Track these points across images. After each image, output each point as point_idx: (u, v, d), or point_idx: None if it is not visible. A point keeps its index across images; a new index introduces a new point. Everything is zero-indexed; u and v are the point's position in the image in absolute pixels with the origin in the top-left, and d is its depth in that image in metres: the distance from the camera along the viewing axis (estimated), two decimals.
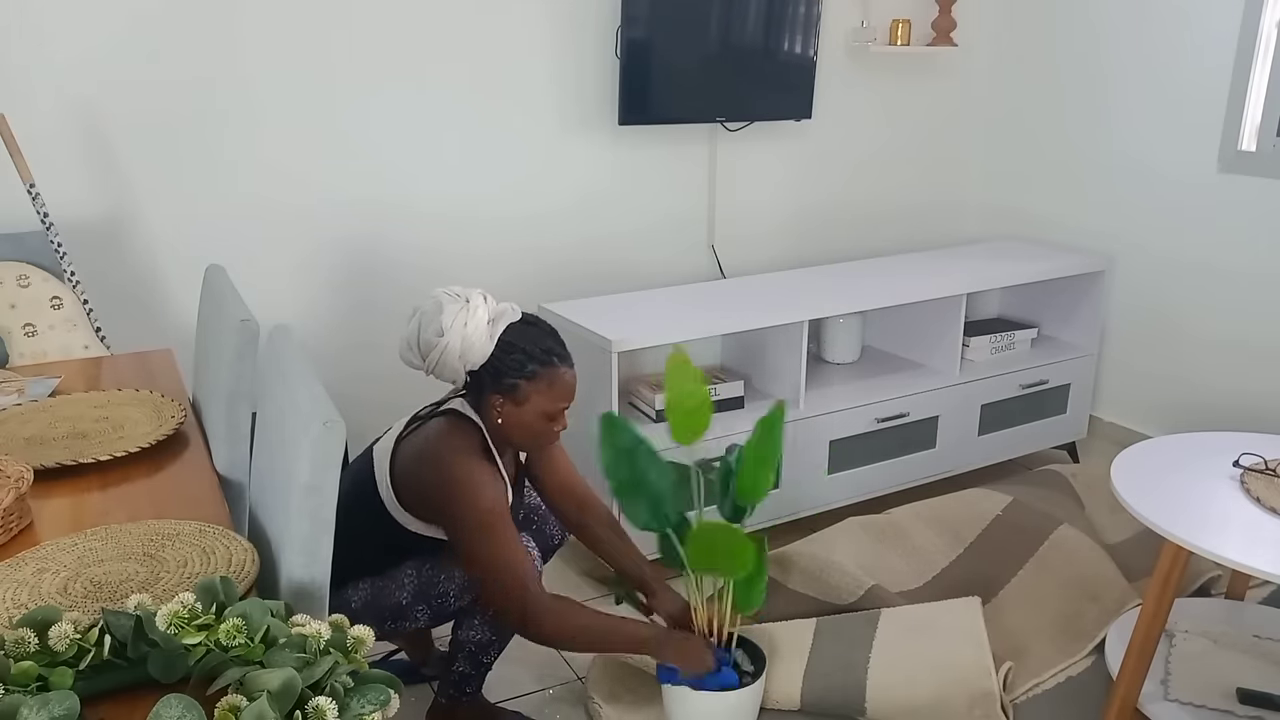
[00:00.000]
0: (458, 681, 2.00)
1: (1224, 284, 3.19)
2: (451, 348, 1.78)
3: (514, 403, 1.84)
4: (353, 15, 2.74)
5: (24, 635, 1.05)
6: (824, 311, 2.81)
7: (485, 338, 1.80)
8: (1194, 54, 3.17)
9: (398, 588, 1.89)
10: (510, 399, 1.84)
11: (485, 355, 1.81)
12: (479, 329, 1.79)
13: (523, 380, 1.82)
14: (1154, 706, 1.98)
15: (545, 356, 1.83)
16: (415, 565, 1.90)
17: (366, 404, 3.00)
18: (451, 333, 1.78)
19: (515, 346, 1.82)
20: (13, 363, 2.25)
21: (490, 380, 1.83)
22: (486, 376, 1.83)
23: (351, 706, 1.00)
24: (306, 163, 2.79)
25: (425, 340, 1.81)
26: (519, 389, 1.82)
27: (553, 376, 1.84)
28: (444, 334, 1.78)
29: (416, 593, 1.89)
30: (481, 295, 1.83)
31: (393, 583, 1.90)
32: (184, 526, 1.39)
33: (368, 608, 1.89)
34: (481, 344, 1.79)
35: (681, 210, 3.40)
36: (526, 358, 1.81)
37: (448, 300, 1.81)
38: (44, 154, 2.48)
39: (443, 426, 1.86)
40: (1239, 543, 1.75)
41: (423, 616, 1.91)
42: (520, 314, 1.87)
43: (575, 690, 2.26)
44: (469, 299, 1.81)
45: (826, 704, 2.09)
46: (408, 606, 1.89)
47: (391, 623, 1.91)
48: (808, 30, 3.27)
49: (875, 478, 2.96)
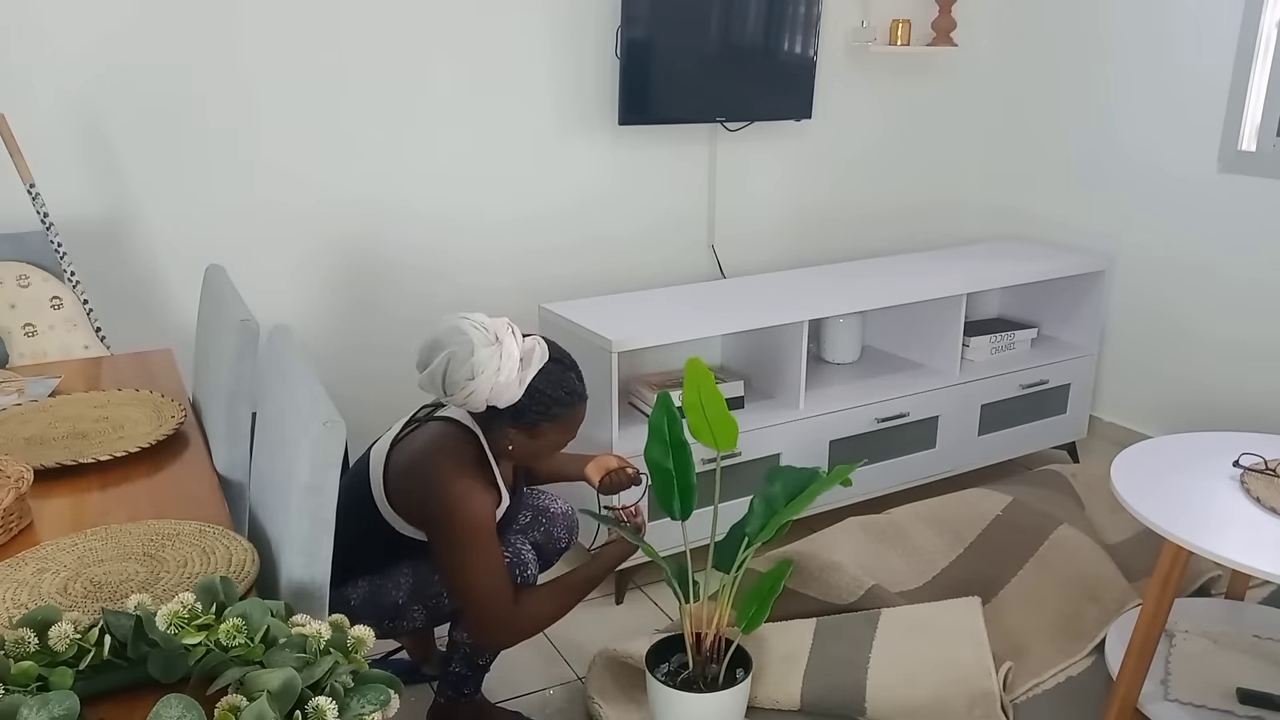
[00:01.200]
0: (455, 682, 2.01)
1: (1224, 284, 3.19)
2: (479, 393, 1.74)
3: (529, 436, 1.84)
4: (353, 16, 2.74)
5: (24, 635, 1.05)
6: (824, 311, 2.81)
7: (516, 384, 1.75)
8: (1194, 54, 3.17)
9: (394, 587, 1.90)
10: (526, 434, 1.83)
11: (514, 400, 1.78)
12: (511, 376, 1.74)
13: (544, 421, 1.81)
14: (1154, 706, 1.98)
15: (568, 399, 1.82)
16: (411, 565, 1.91)
17: (366, 404, 3.00)
18: (483, 378, 1.72)
19: (542, 392, 1.79)
20: (13, 363, 2.25)
21: (510, 417, 1.81)
22: (507, 414, 1.80)
23: (351, 706, 1.00)
24: (307, 163, 2.79)
25: (453, 380, 1.75)
26: (538, 426, 1.82)
27: (570, 416, 1.85)
28: (474, 378, 1.73)
29: (412, 593, 1.89)
30: (510, 332, 1.77)
31: (389, 582, 1.90)
32: (184, 526, 1.39)
33: (366, 606, 1.90)
34: (511, 390, 1.76)
35: (681, 210, 3.40)
36: (552, 402, 1.80)
37: (479, 341, 1.73)
38: (44, 154, 2.48)
39: (438, 435, 1.84)
40: (1239, 543, 1.75)
41: (419, 616, 1.91)
42: (548, 353, 1.82)
43: (575, 690, 2.26)
44: (500, 338, 1.74)
45: (826, 704, 2.09)
46: (404, 606, 1.90)
47: (389, 621, 1.91)
48: (808, 30, 3.26)
49: (875, 478, 2.96)
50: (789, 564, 2.02)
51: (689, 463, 1.99)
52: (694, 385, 1.89)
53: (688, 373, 1.89)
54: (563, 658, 2.36)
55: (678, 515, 2.00)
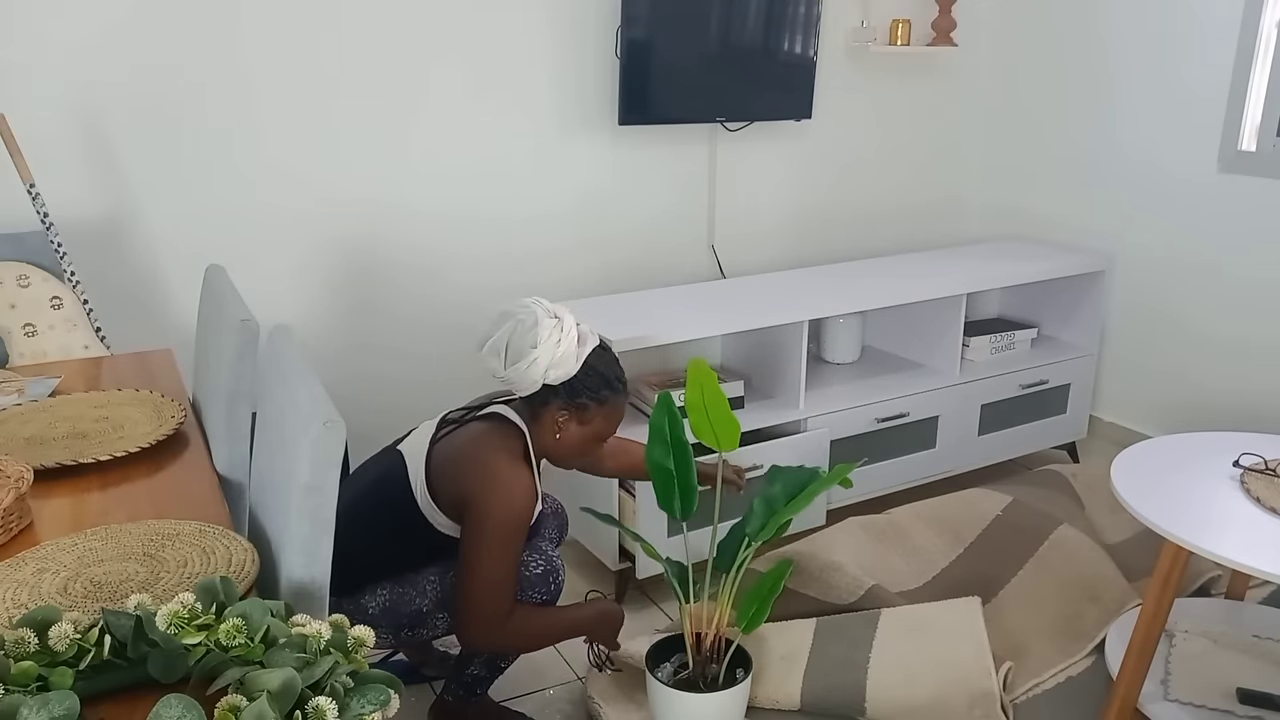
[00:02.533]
0: (470, 683, 2.01)
1: (1224, 284, 3.19)
2: (540, 361, 1.82)
3: (579, 421, 1.90)
4: (353, 16, 2.74)
5: (24, 635, 1.05)
6: (824, 311, 2.81)
7: (574, 358, 1.85)
8: (1194, 54, 3.17)
9: (418, 594, 1.90)
10: (576, 417, 1.89)
11: (570, 375, 1.85)
12: (570, 349, 1.84)
13: (594, 402, 1.89)
14: (1154, 706, 1.98)
15: (618, 384, 1.92)
16: (438, 572, 1.91)
17: (366, 404, 3.00)
18: (545, 347, 1.81)
19: (595, 370, 1.88)
20: (13, 363, 2.25)
21: (564, 395, 1.87)
22: (561, 391, 1.87)
23: (351, 706, 1.00)
24: (307, 163, 2.79)
25: (516, 348, 1.83)
26: (588, 409, 1.89)
27: (617, 403, 1.93)
28: (538, 346, 1.81)
29: (438, 600, 1.90)
30: (571, 315, 1.88)
31: (413, 589, 1.90)
32: (184, 526, 1.39)
33: (386, 614, 1.89)
34: (569, 363, 1.84)
35: (681, 210, 3.40)
36: (603, 382, 1.89)
37: (542, 314, 1.84)
38: (44, 154, 2.48)
39: (489, 427, 1.90)
40: (1239, 543, 1.75)
41: (441, 624, 1.92)
42: (599, 340, 1.93)
43: (575, 690, 2.26)
44: (560, 316, 1.85)
45: (826, 704, 2.09)
46: (428, 614, 1.90)
47: (409, 629, 1.91)
48: (808, 30, 3.26)
49: (875, 478, 2.96)
50: (789, 564, 2.02)
51: (690, 463, 1.99)
52: (697, 385, 1.90)
53: (690, 373, 1.90)
54: (563, 658, 2.36)
55: (678, 515, 2.00)
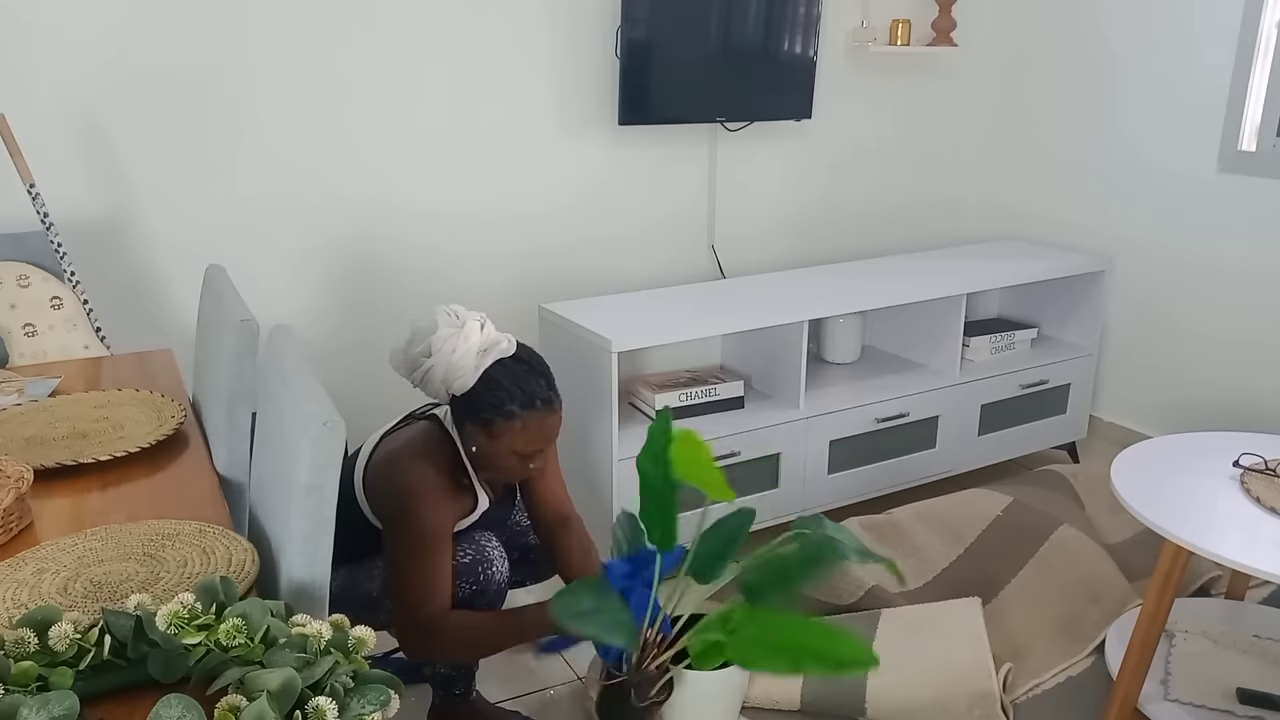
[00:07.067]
0: (443, 682, 2.00)
1: (1224, 284, 3.19)
2: (435, 370, 1.77)
3: (487, 436, 1.80)
4: (352, 16, 2.74)
5: (24, 635, 1.05)
6: (824, 311, 2.81)
7: (471, 368, 1.76)
8: (1194, 54, 3.17)
9: (367, 578, 1.91)
10: (484, 432, 1.80)
11: (467, 386, 1.78)
12: (466, 357, 1.75)
13: (498, 418, 1.77)
14: (1154, 706, 1.98)
15: (526, 399, 1.77)
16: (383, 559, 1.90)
17: (366, 404, 3.00)
18: (439, 355, 1.76)
19: (498, 383, 1.77)
20: (13, 363, 2.25)
21: (466, 409, 1.80)
22: (465, 405, 1.80)
23: (351, 706, 1.00)
24: (307, 163, 2.79)
25: (410, 356, 1.82)
26: (494, 425, 1.78)
27: (529, 419, 1.78)
28: (430, 355, 1.78)
29: (385, 586, 1.89)
30: (479, 322, 1.79)
31: (364, 573, 1.92)
32: (184, 526, 1.39)
33: (343, 595, 1.91)
34: (465, 373, 1.76)
35: (681, 210, 3.40)
36: (507, 396, 1.76)
37: (444, 321, 1.79)
38: (44, 154, 2.48)
39: (417, 433, 1.88)
40: (1239, 543, 1.75)
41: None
42: (515, 348, 1.82)
43: (575, 690, 2.26)
44: (465, 323, 1.78)
45: (826, 704, 2.09)
46: (378, 599, 1.90)
47: (366, 613, 1.90)
48: (808, 30, 3.26)
49: (875, 478, 2.96)
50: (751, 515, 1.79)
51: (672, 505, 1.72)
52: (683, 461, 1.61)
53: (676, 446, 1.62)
54: (563, 658, 2.36)
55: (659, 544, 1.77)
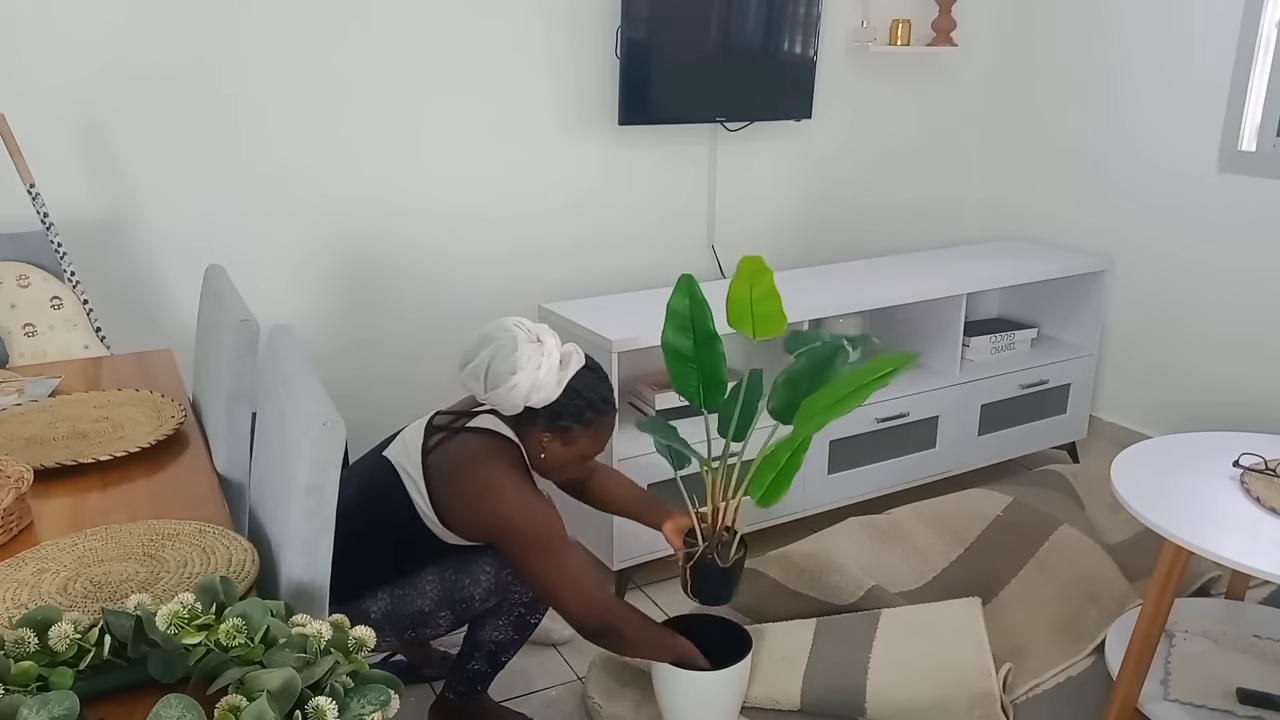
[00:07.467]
0: (470, 679, 2.01)
1: (1224, 284, 3.19)
2: (521, 387, 1.79)
3: (562, 442, 1.88)
4: (353, 17, 2.74)
5: (24, 635, 1.05)
6: (824, 311, 2.80)
7: (555, 383, 1.82)
8: (1194, 54, 3.17)
9: (419, 595, 1.89)
10: (560, 438, 1.87)
11: (551, 398, 1.83)
12: (550, 373, 1.81)
13: (577, 424, 1.86)
14: (1154, 706, 1.98)
15: (603, 405, 1.88)
16: (437, 571, 1.90)
17: (366, 404, 3.00)
18: (524, 374, 1.79)
19: (579, 394, 1.85)
20: (13, 363, 2.25)
21: (545, 418, 1.85)
22: (543, 414, 1.85)
23: (351, 706, 1.00)
24: (307, 163, 2.79)
25: (495, 374, 1.80)
26: (571, 430, 1.86)
27: (602, 424, 1.89)
28: (516, 373, 1.79)
29: (440, 599, 1.89)
30: (553, 337, 1.85)
31: (413, 590, 1.89)
32: (184, 526, 1.39)
33: (388, 618, 1.88)
34: (550, 388, 1.82)
35: (681, 210, 3.40)
36: (586, 405, 1.85)
37: (523, 338, 1.81)
38: (44, 154, 2.48)
39: (486, 446, 1.84)
40: (1239, 543, 1.75)
41: (445, 622, 1.91)
42: (585, 359, 1.90)
43: (575, 690, 2.26)
44: (542, 339, 1.82)
45: (826, 704, 2.09)
46: (430, 613, 1.89)
47: (413, 630, 1.90)
48: (808, 30, 3.26)
49: (875, 478, 2.96)
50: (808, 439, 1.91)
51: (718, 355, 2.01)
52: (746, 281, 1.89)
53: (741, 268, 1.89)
54: (562, 658, 2.36)
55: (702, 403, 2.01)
